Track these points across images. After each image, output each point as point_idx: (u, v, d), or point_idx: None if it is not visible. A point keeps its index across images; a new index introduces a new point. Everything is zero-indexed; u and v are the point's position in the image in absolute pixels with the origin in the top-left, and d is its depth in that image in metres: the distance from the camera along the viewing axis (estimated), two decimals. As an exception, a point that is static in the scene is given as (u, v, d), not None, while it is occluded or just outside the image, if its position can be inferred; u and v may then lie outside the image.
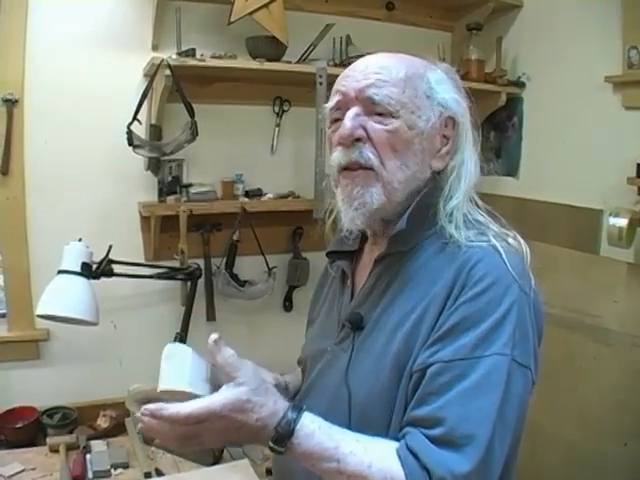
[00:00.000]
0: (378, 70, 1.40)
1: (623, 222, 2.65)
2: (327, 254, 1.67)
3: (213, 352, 1.32)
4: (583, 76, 3.09)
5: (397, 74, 1.39)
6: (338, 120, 1.43)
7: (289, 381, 1.76)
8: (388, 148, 1.38)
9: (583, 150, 3.12)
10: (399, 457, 1.21)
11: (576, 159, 3.17)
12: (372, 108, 1.38)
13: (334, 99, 1.45)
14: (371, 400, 1.36)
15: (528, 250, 1.40)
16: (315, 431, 1.24)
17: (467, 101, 1.50)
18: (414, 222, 1.39)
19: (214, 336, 1.33)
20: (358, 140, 1.39)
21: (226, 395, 1.24)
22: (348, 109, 1.41)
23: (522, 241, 1.40)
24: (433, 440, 1.20)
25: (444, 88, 1.43)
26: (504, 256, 1.31)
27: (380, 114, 1.38)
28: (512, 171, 3.62)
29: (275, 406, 1.26)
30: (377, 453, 1.23)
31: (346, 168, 1.42)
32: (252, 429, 1.24)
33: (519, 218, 3.33)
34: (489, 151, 3.80)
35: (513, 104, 3.56)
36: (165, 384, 1.31)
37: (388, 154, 1.38)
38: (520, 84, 3.52)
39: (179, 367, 1.34)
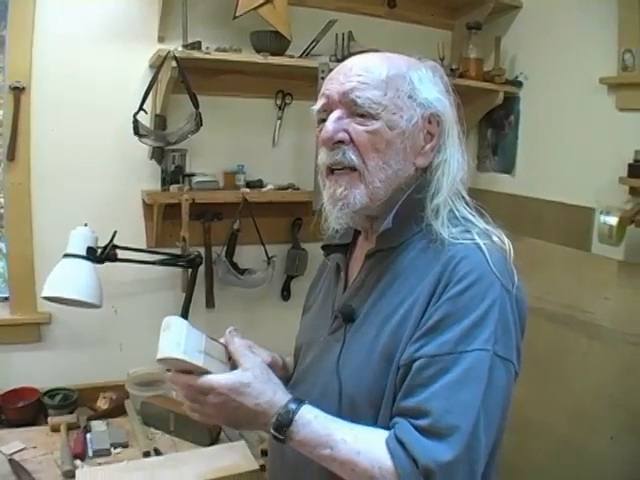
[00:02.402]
0: (360, 72, 1.43)
1: (613, 220, 2.69)
2: (322, 247, 1.71)
3: (227, 341, 1.44)
4: (579, 77, 3.13)
5: (379, 76, 1.42)
6: (324, 121, 1.47)
7: (288, 363, 1.79)
8: (370, 149, 1.42)
9: (577, 149, 3.17)
10: (388, 446, 1.27)
11: (570, 158, 3.21)
12: (354, 110, 1.42)
13: (320, 102, 1.50)
14: (360, 390, 1.40)
15: (511, 248, 1.42)
16: (312, 421, 1.32)
17: (454, 97, 1.52)
18: (401, 220, 1.44)
19: (230, 328, 1.46)
20: (341, 142, 1.43)
21: (228, 377, 1.35)
22: (332, 111, 1.46)
23: (506, 239, 1.42)
24: (420, 430, 1.25)
25: (427, 87, 1.45)
26: (487, 254, 1.34)
27: (362, 115, 1.42)
28: (508, 168, 3.67)
29: (274, 396, 1.35)
30: (367, 442, 1.30)
31: (332, 170, 1.47)
32: (250, 412, 1.34)
33: (514, 215, 3.43)
34: (486, 148, 3.85)
35: (510, 103, 3.61)
36: (161, 353, 1.37)
37: (370, 154, 1.42)
38: (517, 83, 3.57)
39: (175, 337, 1.39)
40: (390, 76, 1.43)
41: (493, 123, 3.79)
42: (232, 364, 1.42)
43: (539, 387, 3.21)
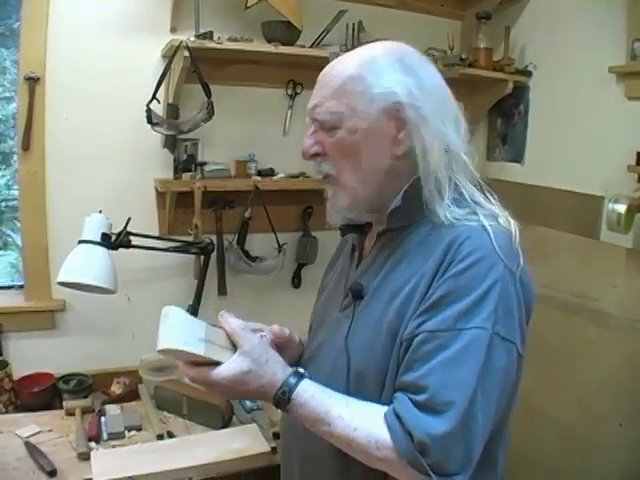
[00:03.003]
0: (322, 86, 1.52)
1: (622, 208, 2.71)
2: (339, 228, 1.73)
3: (222, 323, 1.48)
4: (588, 66, 3.14)
5: (334, 86, 1.47)
6: None
7: (304, 340, 1.83)
8: (339, 156, 1.49)
9: (586, 138, 3.18)
10: (386, 421, 1.31)
11: (579, 147, 3.22)
12: (322, 124, 1.50)
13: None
14: (367, 365, 1.45)
15: (517, 231, 1.45)
16: (308, 400, 1.38)
17: (432, 76, 1.51)
18: (409, 199, 1.46)
19: (222, 311, 1.53)
20: (317, 155, 1.52)
21: (229, 367, 1.40)
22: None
23: (512, 222, 1.45)
24: (417, 405, 1.28)
25: (384, 77, 1.44)
26: (492, 235, 1.36)
27: (329, 128, 1.48)
28: (517, 157, 3.68)
29: (274, 377, 1.41)
30: (364, 418, 1.34)
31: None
32: (257, 393, 1.43)
33: (523, 203, 3.44)
34: (495, 137, 3.86)
35: (520, 92, 3.62)
36: (161, 344, 1.40)
37: (340, 162, 1.49)
38: (527, 73, 3.58)
39: (174, 327, 1.42)
40: (342, 83, 1.47)
41: (502, 112, 3.80)
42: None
43: (548, 375, 3.23)
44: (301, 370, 1.47)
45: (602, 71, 3.00)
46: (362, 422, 1.34)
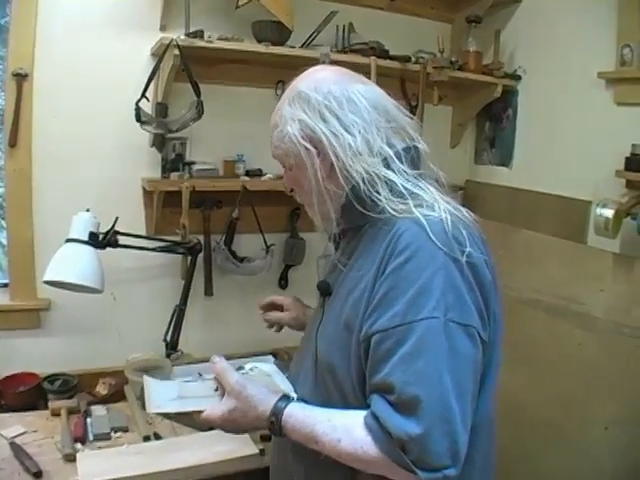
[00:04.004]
0: (270, 131, 1.66)
1: (609, 213, 2.73)
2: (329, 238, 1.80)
3: (212, 370, 1.62)
4: (577, 71, 3.16)
5: (273, 134, 1.63)
6: None
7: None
8: (296, 189, 1.67)
9: (575, 143, 3.19)
10: (365, 423, 1.35)
11: (567, 151, 3.24)
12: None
13: None
14: (333, 359, 1.51)
15: (469, 220, 1.48)
16: (294, 424, 1.45)
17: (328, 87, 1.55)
18: (353, 201, 1.50)
19: (213, 357, 1.65)
20: (292, 189, 1.69)
21: (217, 408, 1.55)
22: None
23: (444, 207, 1.45)
24: (391, 404, 1.31)
25: (292, 118, 1.55)
26: (426, 226, 1.38)
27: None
28: (505, 161, 3.69)
29: (257, 411, 1.51)
30: (346, 428, 1.38)
31: None
32: (251, 426, 1.55)
33: (511, 207, 3.46)
34: (484, 141, 3.88)
35: (508, 96, 3.64)
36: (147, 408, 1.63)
37: (298, 193, 1.66)
38: (516, 77, 3.59)
39: (148, 395, 1.62)
40: (272, 130, 1.63)
41: (491, 116, 3.82)
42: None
43: (534, 377, 3.25)
44: (288, 394, 1.55)
45: (591, 76, 3.01)
46: (344, 432, 1.37)
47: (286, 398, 1.51)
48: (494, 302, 1.46)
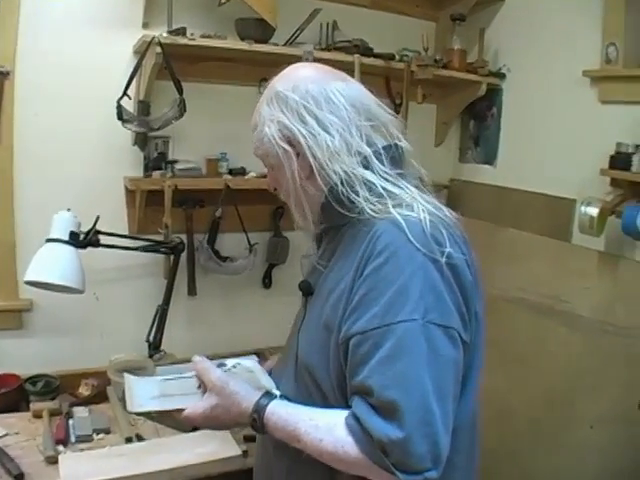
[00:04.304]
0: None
1: (594, 211, 2.74)
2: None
3: (194, 368, 1.62)
4: (562, 70, 3.17)
5: (254, 135, 1.62)
6: None
7: None
8: (278, 189, 1.65)
9: (559, 141, 3.20)
10: (347, 425, 1.34)
11: (552, 149, 3.25)
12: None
13: None
14: (310, 356, 1.52)
15: (450, 220, 1.48)
16: (276, 422, 1.44)
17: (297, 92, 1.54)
18: (332, 201, 1.50)
19: (196, 357, 1.65)
20: (275, 189, 1.68)
21: (198, 406, 1.55)
22: None
23: (422, 207, 1.44)
24: (372, 406, 1.30)
25: (270, 119, 1.54)
26: (405, 227, 1.37)
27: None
28: (490, 159, 3.70)
29: (240, 407, 1.50)
30: (327, 427, 1.37)
31: None
32: (234, 422, 1.55)
33: (496, 206, 3.46)
34: (468, 139, 3.88)
35: (493, 94, 3.64)
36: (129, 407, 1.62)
37: (280, 192, 1.64)
38: (500, 75, 3.60)
39: (129, 394, 1.62)
40: (253, 130, 1.63)
41: (475, 114, 3.82)
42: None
43: (519, 376, 3.24)
44: (271, 391, 1.54)
45: (576, 75, 3.03)
46: (326, 432, 1.36)
47: (269, 395, 1.50)
48: (476, 303, 1.45)
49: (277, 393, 1.52)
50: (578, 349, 2.98)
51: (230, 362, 1.71)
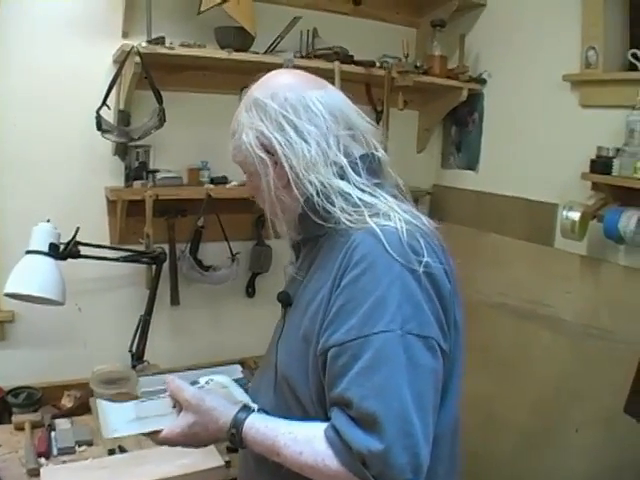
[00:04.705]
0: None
1: (576, 216, 2.75)
2: (292, 247, 1.76)
3: (167, 389, 1.60)
4: (542, 74, 3.18)
5: (231, 142, 1.61)
6: None
7: None
8: (256, 197, 1.62)
9: (541, 146, 3.22)
10: (326, 437, 1.33)
11: (533, 154, 3.26)
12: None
13: None
14: (289, 368, 1.51)
15: (428, 229, 1.48)
16: (255, 436, 1.44)
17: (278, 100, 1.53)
18: (308, 212, 1.49)
19: (167, 377, 1.64)
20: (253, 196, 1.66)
21: (175, 425, 1.54)
22: None
23: (400, 217, 1.43)
24: (352, 418, 1.29)
25: (249, 126, 1.53)
26: (382, 237, 1.36)
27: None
28: (472, 165, 3.71)
29: (218, 423, 1.49)
30: (307, 440, 1.36)
31: None
32: (213, 438, 1.55)
33: (478, 211, 3.48)
34: (450, 145, 3.89)
35: (474, 100, 3.65)
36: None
37: (258, 199, 1.62)
38: (481, 81, 3.61)
39: (104, 421, 1.62)
40: (233, 138, 1.60)
41: (457, 120, 3.83)
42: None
43: (503, 381, 3.25)
44: (249, 405, 1.53)
45: (556, 79, 3.04)
46: (305, 445, 1.35)
47: (246, 409, 1.48)
48: (455, 311, 1.45)
49: (254, 407, 1.51)
50: (562, 353, 3.00)
51: (203, 379, 1.70)
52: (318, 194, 1.44)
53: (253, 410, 1.49)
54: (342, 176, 1.48)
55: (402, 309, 1.30)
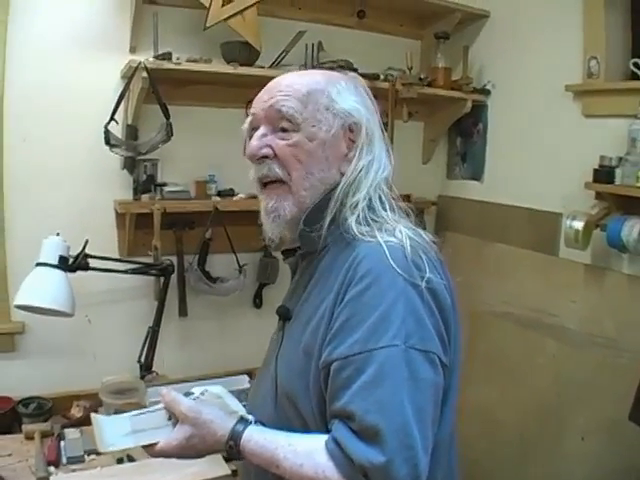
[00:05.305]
0: (282, 88, 1.53)
1: (579, 225, 2.76)
2: (282, 252, 1.74)
3: (162, 401, 1.56)
4: (545, 85, 3.21)
5: (300, 90, 1.51)
6: None
7: None
8: (292, 160, 1.50)
9: (544, 155, 3.24)
10: (327, 449, 1.32)
11: (538, 164, 3.28)
12: (278, 124, 1.51)
13: (247, 120, 1.61)
14: (290, 382, 1.49)
15: (428, 244, 1.48)
16: (253, 448, 1.40)
17: (375, 104, 1.61)
18: (313, 222, 1.50)
19: (162, 390, 1.59)
20: (266, 157, 1.52)
21: (172, 438, 1.48)
22: (258, 128, 1.55)
23: (405, 233, 1.45)
24: (353, 431, 1.29)
25: (345, 98, 1.54)
26: (387, 252, 1.37)
27: (284, 130, 1.51)
28: (477, 175, 3.73)
29: (216, 436, 1.45)
30: (307, 452, 1.35)
31: (265, 184, 1.56)
32: (211, 450, 1.49)
33: (483, 221, 3.49)
34: (455, 156, 3.91)
35: (478, 111, 3.68)
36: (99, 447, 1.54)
37: (293, 165, 1.50)
38: (485, 92, 3.64)
39: (98, 434, 1.56)
40: (309, 91, 1.52)
41: (462, 131, 3.85)
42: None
43: (508, 389, 3.26)
44: (246, 416, 1.51)
45: (559, 89, 3.06)
46: (306, 457, 1.34)
47: (244, 421, 1.48)
48: (454, 325, 1.45)
49: (251, 418, 1.50)
50: (567, 362, 3.01)
51: (198, 390, 1.68)
52: (366, 198, 1.48)
53: (250, 422, 1.48)
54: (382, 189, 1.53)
55: (405, 324, 1.31)
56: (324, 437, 1.35)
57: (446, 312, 1.42)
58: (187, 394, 1.61)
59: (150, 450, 1.50)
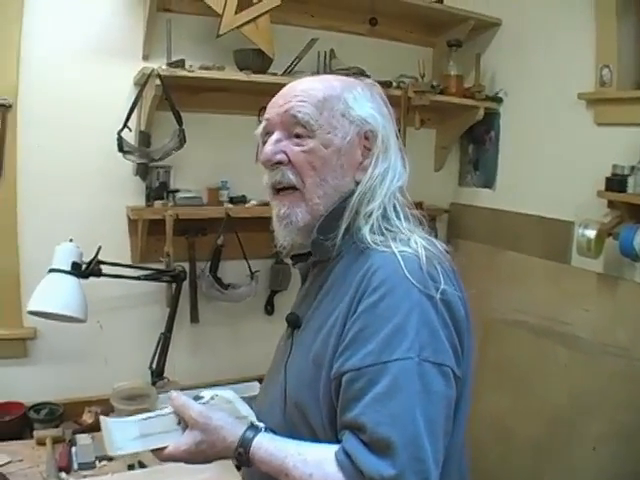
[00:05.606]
0: (298, 93, 1.50)
1: (592, 233, 2.75)
2: (291, 257, 1.71)
3: (171, 405, 1.53)
4: (557, 93, 3.20)
5: (315, 96, 1.49)
6: None
7: None
8: (306, 167, 1.48)
9: (556, 164, 3.23)
10: (337, 460, 1.30)
11: (550, 172, 3.27)
12: (292, 130, 1.49)
13: (261, 125, 1.58)
14: (300, 391, 1.47)
15: (442, 254, 1.46)
16: (262, 456, 1.38)
17: (392, 112, 1.60)
18: (327, 231, 1.47)
19: (172, 394, 1.56)
20: (280, 163, 1.49)
21: (181, 442, 1.46)
22: (273, 133, 1.53)
23: (421, 243, 1.43)
24: (364, 443, 1.27)
25: (361, 104, 1.52)
26: (402, 262, 1.35)
27: (298, 136, 1.48)
28: (489, 183, 3.72)
29: (225, 442, 1.43)
30: (317, 462, 1.32)
31: (278, 190, 1.53)
32: (219, 456, 1.47)
33: (495, 229, 3.49)
34: (467, 163, 3.90)
35: (491, 118, 3.68)
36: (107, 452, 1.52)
37: (307, 172, 1.48)
38: (497, 99, 3.64)
39: (107, 437, 1.53)
40: (325, 97, 1.50)
41: (474, 139, 3.85)
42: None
43: (520, 398, 3.25)
44: (256, 423, 1.49)
45: (572, 97, 3.06)
46: (315, 467, 1.32)
47: (254, 428, 1.46)
48: (467, 336, 1.44)
49: (261, 425, 1.49)
50: (579, 370, 2.99)
51: (208, 394, 1.66)
52: (381, 206, 1.47)
53: (261, 429, 1.46)
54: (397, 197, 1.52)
55: (419, 336, 1.30)
56: (334, 447, 1.33)
57: (460, 323, 1.40)
58: (197, 398, 1.59)
59: (158, 454, 1.49)
